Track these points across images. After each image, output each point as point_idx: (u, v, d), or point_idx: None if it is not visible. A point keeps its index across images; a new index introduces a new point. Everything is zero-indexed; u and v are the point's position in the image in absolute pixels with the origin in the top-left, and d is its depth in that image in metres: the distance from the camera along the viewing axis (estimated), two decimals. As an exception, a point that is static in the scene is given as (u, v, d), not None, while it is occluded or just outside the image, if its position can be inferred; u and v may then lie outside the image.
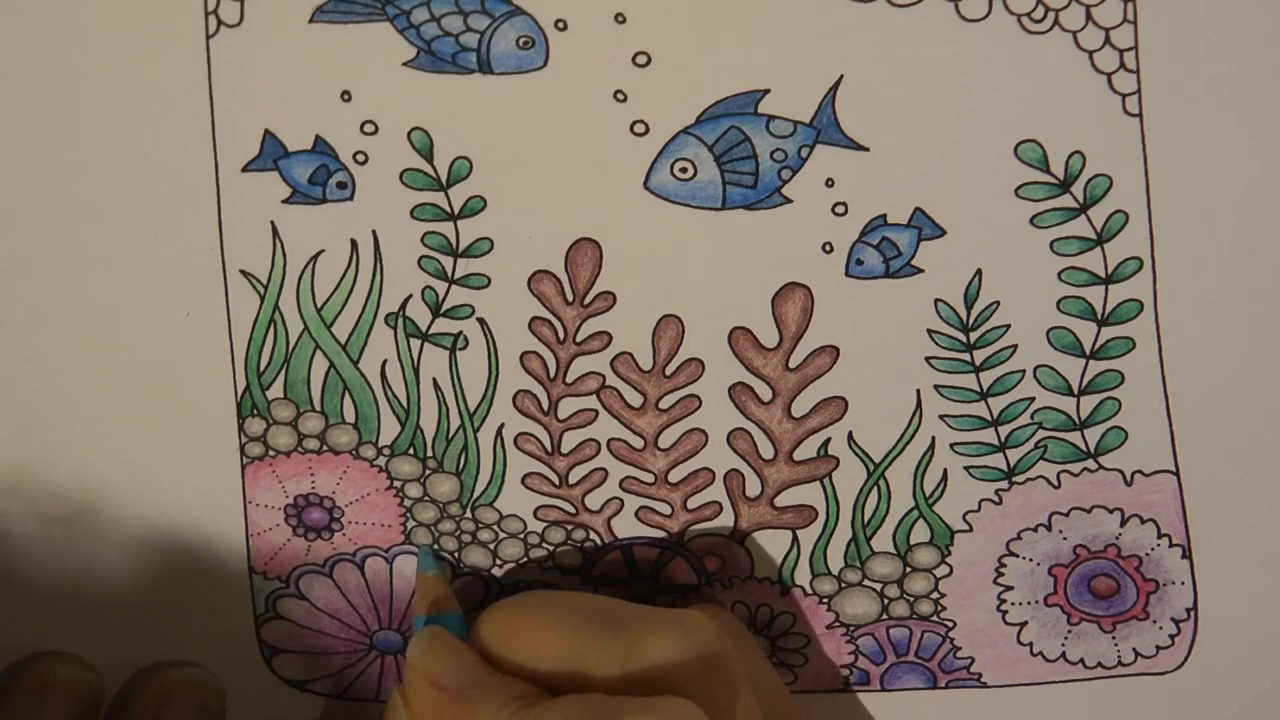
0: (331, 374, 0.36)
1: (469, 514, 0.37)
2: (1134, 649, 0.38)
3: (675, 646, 0.31)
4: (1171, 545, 0.37)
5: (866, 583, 0.37)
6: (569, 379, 0.36)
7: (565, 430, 0.36)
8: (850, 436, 0.36)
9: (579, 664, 0.32)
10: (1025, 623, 0.38)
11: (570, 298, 0.35)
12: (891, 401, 0.36)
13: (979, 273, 0.35)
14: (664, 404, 0.36)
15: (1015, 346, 0.35)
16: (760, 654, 0.36)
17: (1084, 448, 0.36)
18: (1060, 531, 0.37)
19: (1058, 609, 0.37)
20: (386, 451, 0.36)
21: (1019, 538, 0.37)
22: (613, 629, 0.32)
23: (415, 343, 0.36)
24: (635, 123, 0.34)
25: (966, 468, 0.36)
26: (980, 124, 0.34)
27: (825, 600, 0.38)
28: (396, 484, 0.37)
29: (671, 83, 0.34)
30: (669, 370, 0.36)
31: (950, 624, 0.38)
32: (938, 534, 0.37)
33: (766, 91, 0.34)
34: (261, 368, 0.36)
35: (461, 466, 0.36)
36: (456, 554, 0.37)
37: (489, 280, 0.35)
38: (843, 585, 0.37)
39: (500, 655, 0.33)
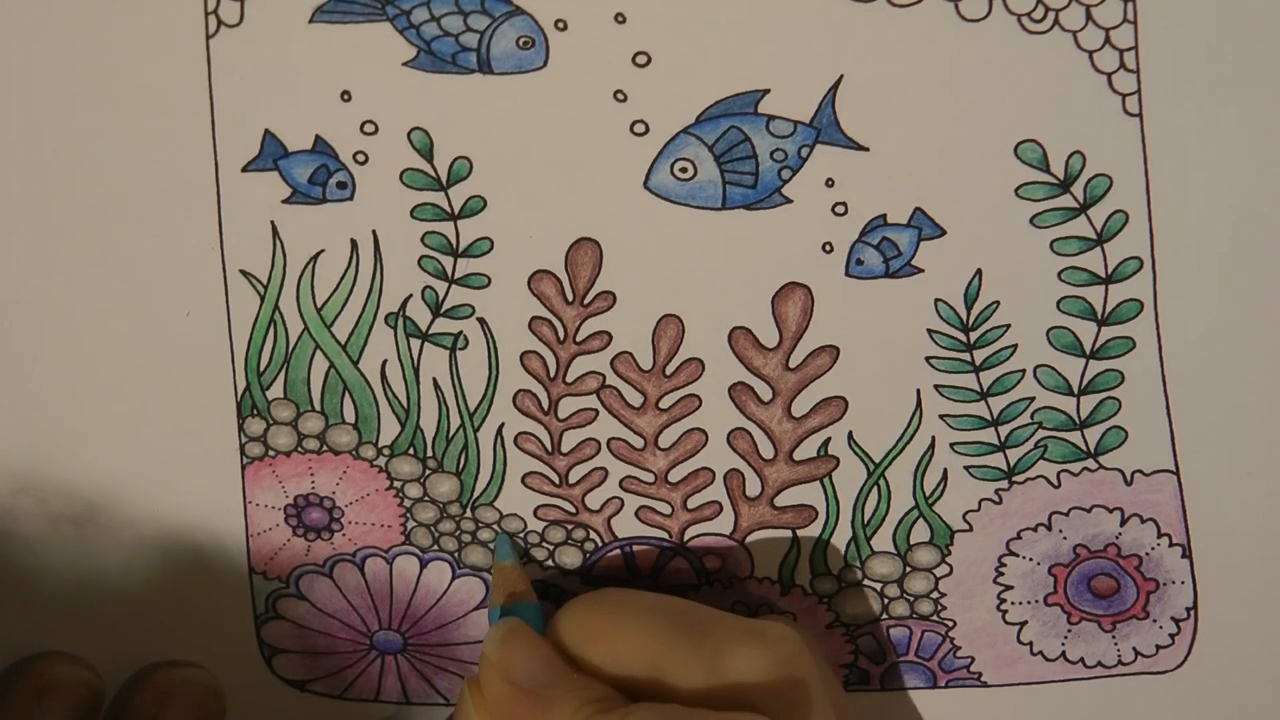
0: (331, 374, 0.36)
1: (469, 514, 0.37)
2: (1134, 648, 0.38)
3: (760, 660, 0.31)
4: (1171, 545, 0.37)
5: (866, 583, 0.37)
6: (569, 379, 0.36)
7: (565, 430, 0.36)
8: (850, 436, 0.36)
9: (660, 670, 0.31)
10: (1025, 622, 0.38)
11: (570, 297, 0.35)
12: (891, 401, 0.36)
13: (979, 273, 0.35)
14: (664, 404, 0.36)
15: (1015, 346, 0.35)
16: (829, 669, 0.36)
17: (1084, 447, 0.36)
18: (1060, 531, 0.37)
19: (1058, 608, 0.38)
20: (386, 451, 0.36)
21: (1019, 537, 0.37)
22: (697, 637, 0.32)
23: (415, 343, 0.36)
24: (635, 123, 0.34)
25: (966, 467, 0.36)
26: (980, 124, 0.34)
27: (825, 600, 0.38)
28: (396, 484, 0.37)
29: (671, 83, 0.34)
30: (669, 370, 0.36)
31: (950, 623, 0.38)
32: (938, 534, 0.37)
33: (766, 91, 0.34)
34: (261, 368, 0.36)
35: (461, 466, 0.36)
36: (456, 554, 0.37)
37: (489, 280, 0.35)
38: (843, 585, 0.37)
39: (579, 653, 0.32)
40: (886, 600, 0.38)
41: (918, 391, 0.36)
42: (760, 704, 0.31)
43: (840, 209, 0.34)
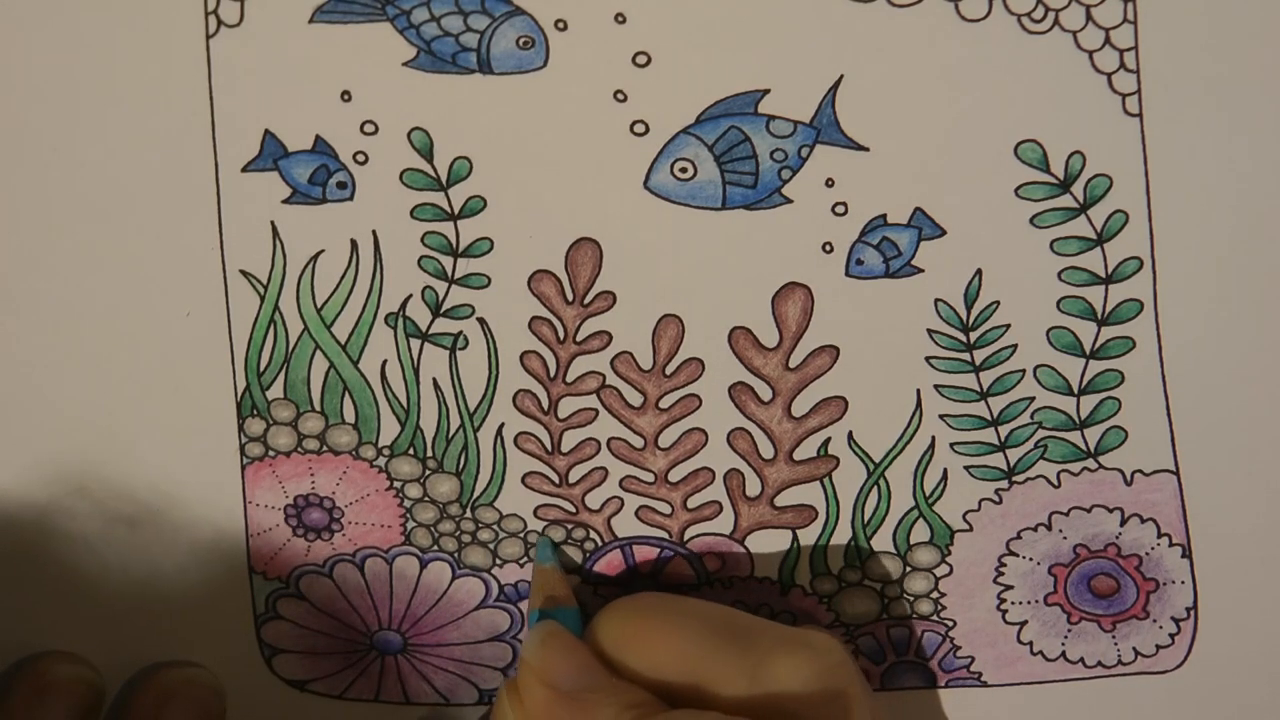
0: (331, 374, 0.36)
1: (469, 514, 0.37)
2: (1134, 648, 0.38)
3: (805, 669, 0.31)
4: (1171, 545, 0.37)
5: (866, 583, 0.37)
6: (569, 378, 0.36)
7: (565, 430, 0.36)
8: (850, 436, 0.36)
9: (701, 677, 0.31)
10: (1025, 622, 0.38)
11: (570, 297, 0.35)
12: (891, 401, 0.36)
13: (979, 273, 0.35)
14: (664, 403, 0.36)
15: (1015, 346, 0.35)
16: (866, 681, 0.36)
17: (1084, 447, 0.36)
18: (1060, 531, 0.37)
19: (1058, 608, 0.38)
20: (386, 452, 0.36)
21: (1019, 537, 0.37)
22: (741, 644, 0.31)
23: (415, 343, 0.36)
24: (635, 123, 0.34)
25: (966, 467, 0.36)
26: (980, 124, 0.34)
27: (825, 600, 0.38)
28: (396, 484, 0.37)
29: (671, 83, 0.34)
30: (669, 370, 0.36)
31: (950, 623, 0.38)
32: (938, 533, 0.37)
33: (766, 91, 0.34)
34: (261, 368, 0.36)
35: (461, 466, 0.36)
36: (456, 554, 0.37)
37: (489, 280, 0.35)
38: (843, 585, 0.37)
39: (618, 658, 0.32)
40: (886, 600, 0.38)
41: (918, 391, 0.36)
42: (802, 714, 0.30)
43: (840, 209, 0.34)
